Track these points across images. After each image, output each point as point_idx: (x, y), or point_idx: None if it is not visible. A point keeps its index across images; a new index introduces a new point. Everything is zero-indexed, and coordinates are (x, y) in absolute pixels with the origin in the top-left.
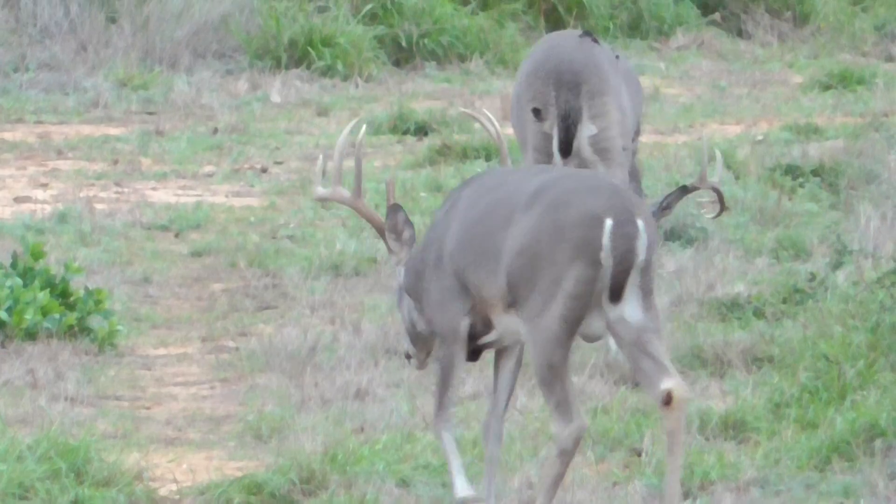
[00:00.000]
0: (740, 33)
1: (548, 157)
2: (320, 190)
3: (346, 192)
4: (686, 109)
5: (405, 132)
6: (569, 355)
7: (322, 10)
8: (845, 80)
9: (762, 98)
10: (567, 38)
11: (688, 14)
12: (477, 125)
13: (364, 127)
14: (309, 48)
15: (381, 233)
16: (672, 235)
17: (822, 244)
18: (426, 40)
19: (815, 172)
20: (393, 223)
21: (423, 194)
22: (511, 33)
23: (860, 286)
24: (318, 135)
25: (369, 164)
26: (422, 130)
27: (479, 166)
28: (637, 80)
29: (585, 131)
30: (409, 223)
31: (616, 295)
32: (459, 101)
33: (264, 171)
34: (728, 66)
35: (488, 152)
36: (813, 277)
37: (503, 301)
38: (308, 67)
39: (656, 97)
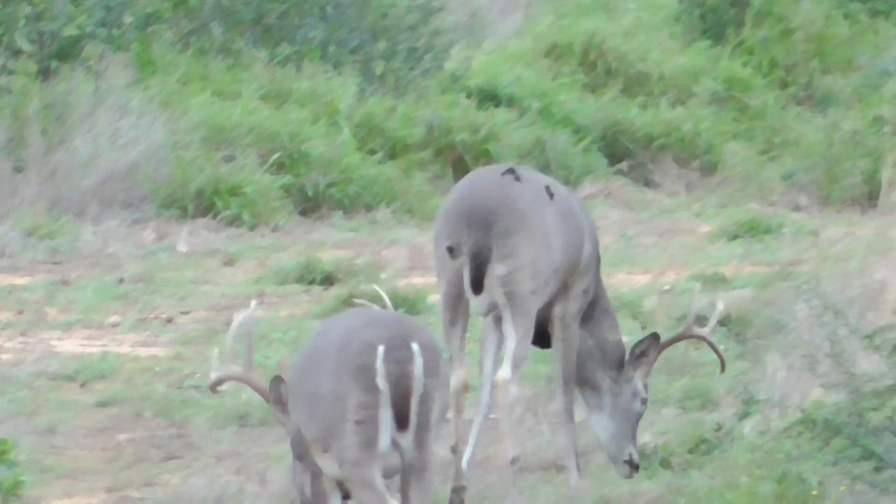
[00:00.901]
0: (647, 183)
1: (460, 294)
2: (213, 375)
3: (236, 368)
4: None
5: (312, 282)
6: (375, 475)
7: (229, 159)
8: (753, 230)
9: (669, 247)
10: (488, 175)
11: (595, 163)
12: (383, 275)
13: (254, 303)
14: (216, 197)
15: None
16: None
17: (729, 394)
18: (333, 190)
19: (722, 322)
20: (276, 395)
21: None
22: (419, 183)
23: (767, 436)
24: (224, 284)
25: (275, 314)
26: (329, 280)
27: None
28: (581, 215)
29: (496, 271)
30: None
31: (402, 422)
32: (367, 251)
33: (170, 320)
34: (636, 216)
35: (394, 302)
36: (719, 427)
37: (320, 444)
38: (215, 217)
39: None
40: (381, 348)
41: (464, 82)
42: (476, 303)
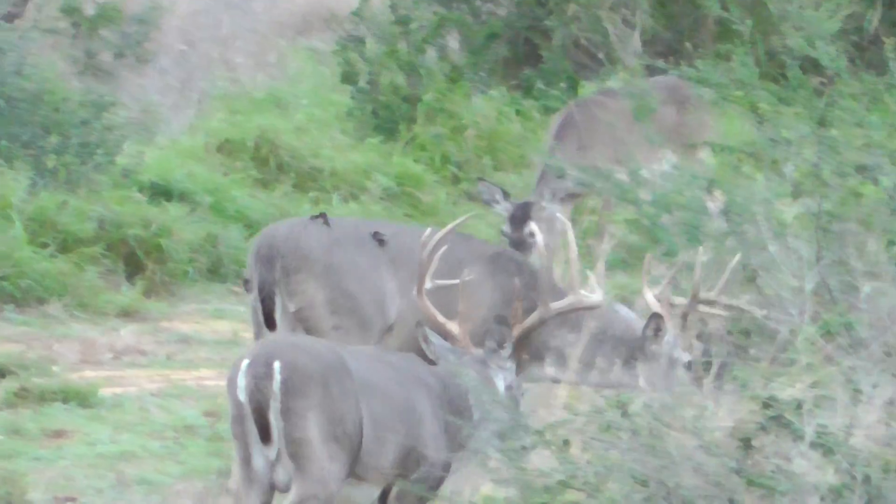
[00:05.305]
0: None
1: (259, 328)
2: None
3: None
4: None
5: None
6: (250, 493)
7: None
8: None
9: None
10: (295, 219)
11: None
12: (55, 367)
13: None
14: None
15: None
16: None
17: None
18: (5, 283)
19: None
20: None
21: (1, 438)
22: (90, 277)
23: None
24: None
25: None
26: (0, 373)
27: (58, 409)
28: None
29: (287, 308)
30: None
31: (263, 435)
32: (38, 344)
33: None
34: None
35: (66, 395)
36: None
37: None
38: None
39: (235, 341)
40: (244, 363)
41: (136, 177)
42: None
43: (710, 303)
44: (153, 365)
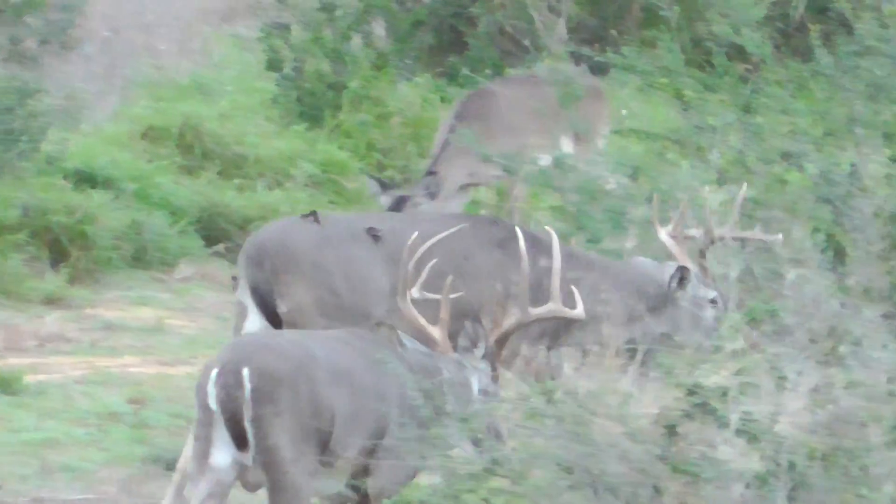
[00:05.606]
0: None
1: (237, 327)
2: None
3: None
4: (190, 341)
5: None
6: (198, 486)
7: None
8: None
9: None
10: (286, 218)
11: (192, 245)
12: None
13: None
14: None
15: None
16: (172, 466)
17: None
18: None
19: None
20: None
21: None
22: (14, 265)
23: None
24: None
25: None
26: None
27: None
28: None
29: (279, 308)
30: None
31: (239, 441)
32: None
33: None
34: (232, 298)
35: None
36: None
37: None
38: None
39: (160, 328)
40: (214, 371)
41: (60, 164)
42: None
43: (723, 239)
44: (77, 352)
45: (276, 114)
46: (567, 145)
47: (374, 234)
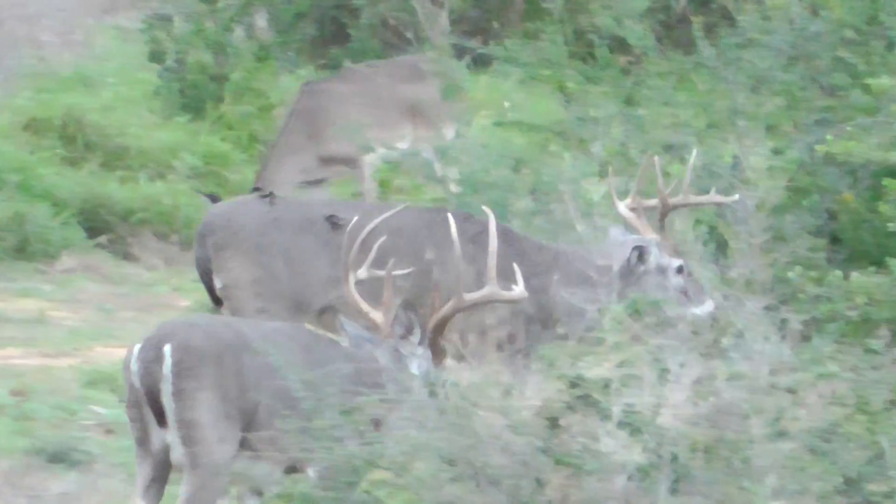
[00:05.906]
0: (127, 256)
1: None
2: None
3: None
4: (73, 332)
5: None
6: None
7: None
8: None
9: (149, 321)
10: (240, 196)
11: (75, 237)
12: None
13: None
14: None
15: None
16: (54, 458)
17: None
18: None
19: None
20: None
21: None
22: None
23: None
24: None
25: None
26: None
27: None
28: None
29: (216, 283)
30: None
31: (159, 419)
32: None
33: None
34: (115, 289)
35: None
36: None
37: None
38: None
39: (42, 320)
40: (136, 348)
41: None
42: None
43: (678, 205)
44: None
45: (158, 105)
46: (410, 133)
47: (333, 222)
